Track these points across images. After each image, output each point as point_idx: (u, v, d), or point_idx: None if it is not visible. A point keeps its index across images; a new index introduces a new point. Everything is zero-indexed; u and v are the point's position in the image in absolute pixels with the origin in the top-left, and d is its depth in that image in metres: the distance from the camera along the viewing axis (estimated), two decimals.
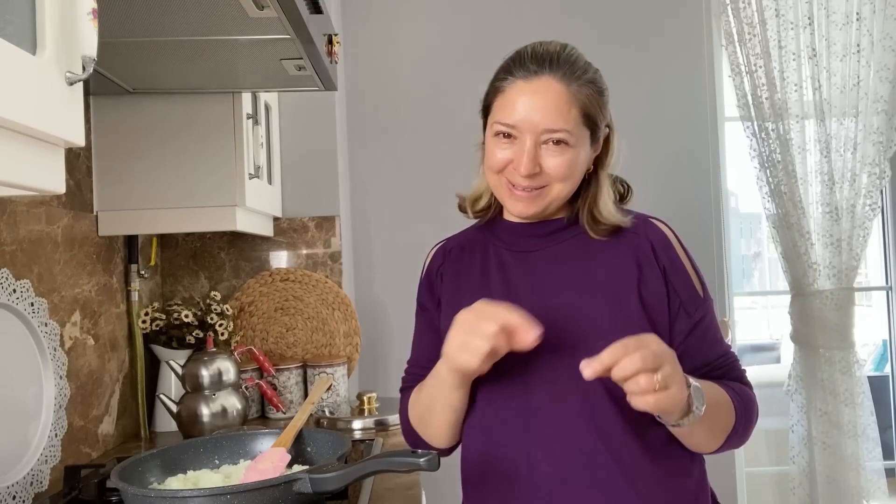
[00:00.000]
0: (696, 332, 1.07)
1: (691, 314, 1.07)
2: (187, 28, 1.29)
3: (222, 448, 1.22)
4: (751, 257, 5.95)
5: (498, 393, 1.06)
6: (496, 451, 1.07)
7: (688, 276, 1.08)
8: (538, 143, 1.03)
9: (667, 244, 1.09)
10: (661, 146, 2.67)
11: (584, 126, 1.05)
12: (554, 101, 1.02)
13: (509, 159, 1.05)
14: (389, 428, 1.88)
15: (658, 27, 2.72)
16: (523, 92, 1.03)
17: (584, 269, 1.08)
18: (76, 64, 0.73)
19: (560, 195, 1.07)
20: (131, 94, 1.73)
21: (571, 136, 1.03)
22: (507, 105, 1.05)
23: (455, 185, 1.29)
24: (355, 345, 2.27)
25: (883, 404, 3.15)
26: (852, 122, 2.65)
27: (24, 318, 1.37)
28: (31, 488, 1.34)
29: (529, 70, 1.04)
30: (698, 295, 1.08)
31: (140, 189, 1.80)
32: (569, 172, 1.05)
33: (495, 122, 1.06)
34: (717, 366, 1.09)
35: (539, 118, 1.02)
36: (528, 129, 1.03)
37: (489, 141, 1.09)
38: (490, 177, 1.10)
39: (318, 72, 1.56)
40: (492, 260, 1.14)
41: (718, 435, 1.04)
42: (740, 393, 1.08)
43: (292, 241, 2.28)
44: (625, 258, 1.07)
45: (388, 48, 2.70)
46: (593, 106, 1.06)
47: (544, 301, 1.07)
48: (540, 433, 1.04)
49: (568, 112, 1.03)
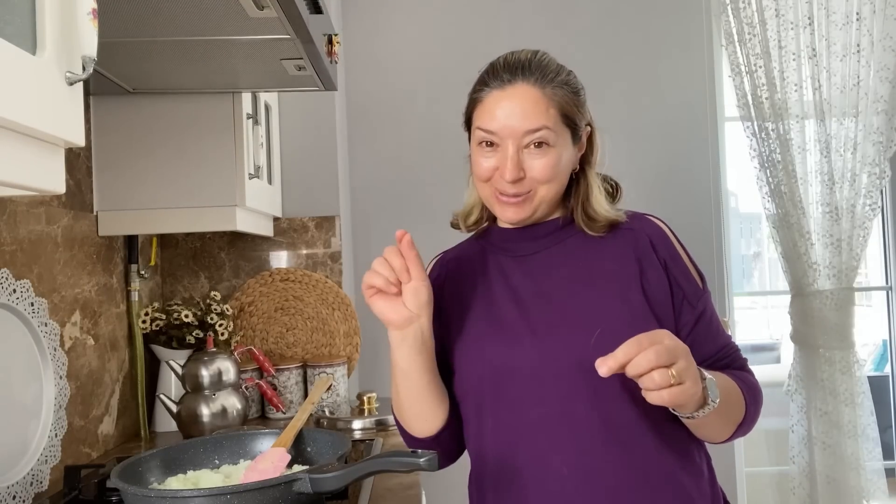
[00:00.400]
0: (701, 323, 1.08)
1: (694, 305, 1.08)
2: (187, 28, 1.29)
3: (222, 448, 1.22)
4: (751, 257, 5.95)
5: (509, 393, 1.06)
6: (509, 452, 1.07)
7: (687, 269, 1.10)
8: (520, 148, 1.05)
9: (664, 238, 1.10)
10: (661, 146, 2.67)
11: (564, 125, 1.07)
12: (531, 105, 1.05)
13: (494, 167, 1.07)
14: (389, 428, 1.88)
15: (658, 27, 2.72)
16: (500, 99, 1.06)
17: (586, 268, 1.09)
18: (76, 64, 0.73)
19: (546, 197, 1.08)
20: (131, 94, 1.73)
21: (552, 135, 1.05)
22: (485, 113, 1.07)
23: (455, 185, 1.30)
24: (355, 345, 2.27)
25: (883, 404, 3.15)
26: (852, 122, 2.65)
27: (24, 318, 1.37)
28: (31, 488, 1.34)
29: (503, 79, 1.07)
30: (698, 286, 1.10)
31: (140, 189, 1.80)
32: (553, 174, 1.06)
33: (477, 129, 1.08)
34: (722, 356, 1.10)
35: (518, 122, 1.04)
36: (508, 134, 1.05)
37: (474, 151, 1.11)
38: (479, 187, 1.12)
39: (318, 72, 1.56)
40: (491, 268, 1.15)
41: (729, 425, 1.05)
42: (747, 382, 1.09)
43: (292, 241, 2.28)
44: (624, 254, 1.09)
45: (388, 48, 2.70)
46: (570, 106, 1.08)
47: (550, 302, 1.08)
48: (552, 432, 1.04)
49: (546, 112, 1.05)
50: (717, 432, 1.05)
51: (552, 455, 1.03)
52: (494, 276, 1.14)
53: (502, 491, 1.08)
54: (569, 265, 1.10)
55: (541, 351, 1.05)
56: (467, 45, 2.65)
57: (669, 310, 1.07)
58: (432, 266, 1.23)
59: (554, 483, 1.03)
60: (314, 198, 2.30)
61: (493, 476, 1.09)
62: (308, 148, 2.31)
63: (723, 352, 1.10)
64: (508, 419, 1.07)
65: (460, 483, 1.18)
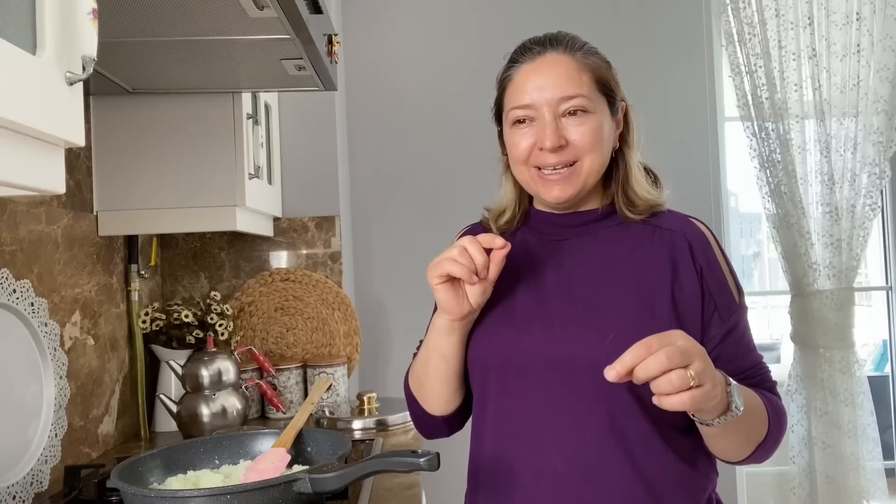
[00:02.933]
0: (729, 339, 1.03)
1: (725, 319, 1.03)
2: (187, 28, 1.29)
3: (222, 448, 1.22)
4: (751, 257, 5.95)
5: (516, 385, 1.04)
6: (510, 446, 1.05)
7: (725, 280, 1.05)
8: (557, 116, 1.02)
9: (705, 244, 1.06)
10: (661, 146, 2.66)
11: (600, 92, 1.05)
12: (564, 71, 1.03)
13: (532, 143, 1.04)
14: (389, 428, 1.88)
15: (658, 27, 2.72)
16: (531, 72, 1.04)
17: (615, 263, 1.05)
18: (76, 64, 0.73)
19: (592, 169, 1.04)
20: (131, 94, 1.73)
21: (589, 102, 1.03)
22: (518, 90, 1.05)
23: (454, 185, 1.30)
24: (355, 345, 2.27)
25: (883, 404, 3.15)
26: (852, 122, 2.64)
27: (24, 318, 1.37)
28: (31, 488, 1.34)
29: (533, 52, 1.05)
30: (734, 300, 1.05)
31: (140, 189, 1.80)
32: (595, 141, 1.03)
33: (511, 110, 1.06)
34: (748, 375, 1.05)
35: (552, 91, 1.02)
36: (543, 103, 1.02)
37: (509, 134, 1.08)
38: (519, 171, 1.08)
39: (318, 72, 1.56)
40: (518, 248, 1.11)
41: (749, 442, 1.01)
42: (773, 403, 1.04)
43: (292, 241, 2.28)
44: (660, 255, 1.05)
45: (388, 48, 2.70)
46: (604, 71, 1.06)
47: (570, 296, 1.04)
48: (556, 430, 1.01)
49: (579, 78, 1.03)
50: (734, 447, 1.00)
51: (551, 451, 1.01)
52: (520, 257, 1.10)
53: (500, 485, 1.06)
54: (598, 259, 1.07)
55: (552, 346, 1.02)
56: (467, 46, 2.65)
57: (697, 319, 1.02)
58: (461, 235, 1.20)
59: (548, 479, 1.01)
60: (314, 198, 2.30)
61: (489, 469, 1.08)
62: (308, 148, 2.31)
63: (751, 371, 1.05)
64: (509, 409, 1.05)
65: (460, 483, 1.18)
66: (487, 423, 1.08)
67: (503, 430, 1.06)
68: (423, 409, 1.16)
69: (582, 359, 1.00)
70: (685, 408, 0.84)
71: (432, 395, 1.13)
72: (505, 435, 1.05)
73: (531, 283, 1.08)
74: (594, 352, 0.98)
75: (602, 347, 0.97)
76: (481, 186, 1.29)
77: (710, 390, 0.84)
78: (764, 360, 1.08)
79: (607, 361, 0.84)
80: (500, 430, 1.06)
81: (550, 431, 1.02)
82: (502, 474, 1.05)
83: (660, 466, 1.00)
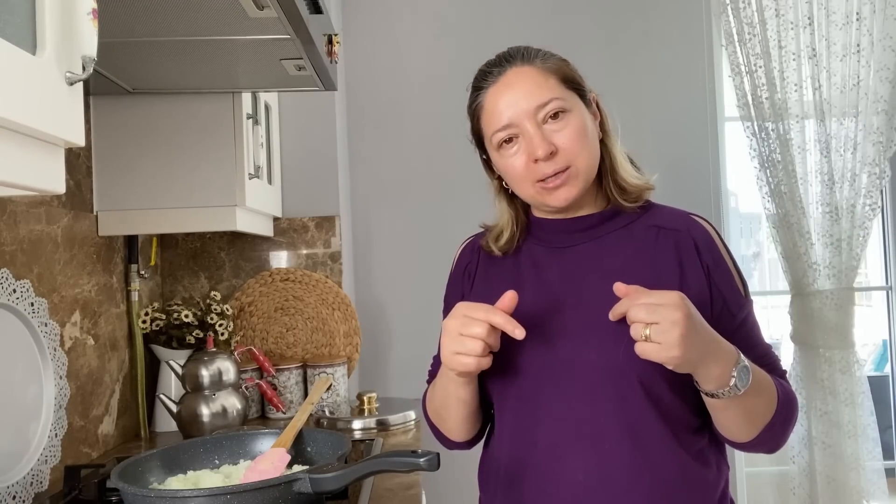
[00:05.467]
0: (740, 333, 1.05)
1: (735, 315, 1.05)
2: (187, 28, 1.29)
3: (222, 448, 1.22)
4: (751, 257, 5.94)
5: (534, 393, 1.05)
6: (526, 452, 1.05)
7: (731, 276, 1.06)
8: (539, 124, 1.04)
9: (710, 242, 1.07)
10: (661, 146, 2.67)
11: (570, 90, 1.06)
12: (531, 81, 1.04)
13: (525, 160, 1.05)
14: (389, 428, 1.88)
15: (658, 27, 2.72)
16: (499, 93, 1.06)
17: (623, 267, 1.06)
18: (76, 64, 0.73)
19: (588, 166, 1.06)
20: (131, 94, 1.73)
21: (564, 102, 1.04)
22: (492, 113, 1.06)
23: (454, 185, 1.29)
24: (355, 345, 2.27)
25: (883, 404, 3.15)
26: (852, 122, 2.64)
27: (24, 318, 1.37)
28: (31, 488, 1.34)
29: (494, 74, 1.07)
30: (741, 294, 1.07)
31: (140, 189, 1.80)
32: (582, 140, 1.04)
33: (493, 135, 1.07)
34: (759, 364, 1.05)
35: (525, 102, 1.03)
36: (523, 117, 1.04)
37: (499, 158, 1.08)
38: (520, 189, 1.09)
39: (318, 72, 1.56)
40: (524, 257, 1.12)
41: (755, 423, 1.01)
42: (784, 388, 1.05)
43: (292, 241, 2.28)
44: (667, 257, 1.06)
45: (388, 48, 2.70)
46: (566, 69, 1.08)
47: (582, 302, 1.05)
48: (576, 436, 1.02)
49: (546, 83, 1.04)
50: (739, 426, 1.01)
51: (568, 459, 1.01)
52: (527, 267, 1.11)
53: (514, 489, 1.06)
54: (605, 264, 1.07)
55: (568, 353, 1.02)
56: (467, 45, 2.65)
57: (707, 317, 1.01)
58: (462, 251, 1.21)
59: (567, 487, 1.01)
60: (314, 198, 2.30)
61: (505, 473, 1.08)
62: (308, 148, 2.31)
63: (759, 361, 1.06)
64: (527, 418, 1.05)
65: (461, 483, 1.18)
66: (505, 431, 1.09)
67: (522, 438, 1.06)
68: (445, 437, 1.19)
69: (599, 365, 1.01)
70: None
71: (455, 430, 1.16)
72: (525, 443, 1.06)
73: (543, 292, 1.08)
74: (610, 357, 0.99)
75: (616, 354, 0.98)
76: (481, 186, 1.28)
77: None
78: (773, 348, 1.10)
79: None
80: (519, 437, 1.07)
81: (569, 437, 1.02)
82: (520, 480, 1.06)
83: (674, 466, 1.01)
